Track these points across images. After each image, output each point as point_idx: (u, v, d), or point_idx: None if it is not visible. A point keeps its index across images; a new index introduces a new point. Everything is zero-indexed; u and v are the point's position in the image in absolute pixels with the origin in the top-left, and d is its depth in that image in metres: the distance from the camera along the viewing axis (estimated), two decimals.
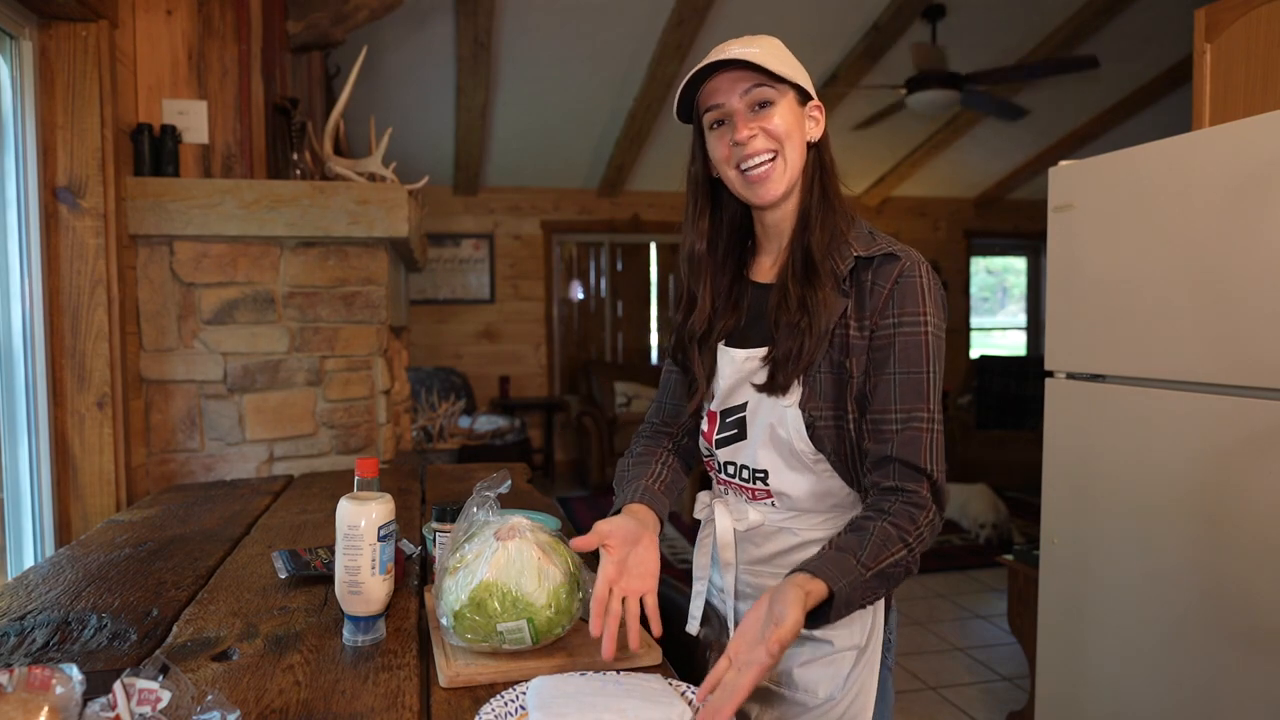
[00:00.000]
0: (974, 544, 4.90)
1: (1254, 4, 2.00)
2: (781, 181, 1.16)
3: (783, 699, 1.24)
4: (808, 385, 1.15)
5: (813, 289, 1.15)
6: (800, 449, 1.17)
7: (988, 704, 2.99)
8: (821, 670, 1.21)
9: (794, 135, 1.15)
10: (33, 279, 2.00)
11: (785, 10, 4.82)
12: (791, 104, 1.16)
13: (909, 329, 1.11)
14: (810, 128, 1.19)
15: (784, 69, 1.13)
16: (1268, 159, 1.62)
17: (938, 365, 1.12)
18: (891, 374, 1.12)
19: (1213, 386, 1.75)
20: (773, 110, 1.14)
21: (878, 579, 1.05)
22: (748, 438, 1.22)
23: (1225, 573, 1.71)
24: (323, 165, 2.64)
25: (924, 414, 1.10)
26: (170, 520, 1.80)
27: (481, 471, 2.31)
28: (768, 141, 1.14)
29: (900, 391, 1.11)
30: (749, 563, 1.27)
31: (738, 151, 1.15)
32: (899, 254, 1.14)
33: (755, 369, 1.19)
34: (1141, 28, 5.32)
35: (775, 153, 1.15)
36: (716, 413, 1.26)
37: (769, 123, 1.14)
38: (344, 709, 0.95)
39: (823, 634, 1.20)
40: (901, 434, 1.10)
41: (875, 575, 1.04)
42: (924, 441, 1.10)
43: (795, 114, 1.16)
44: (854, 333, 1.13)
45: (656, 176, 6.90)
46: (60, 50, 2.02)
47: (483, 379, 6.94)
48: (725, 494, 1.30)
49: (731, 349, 1.23)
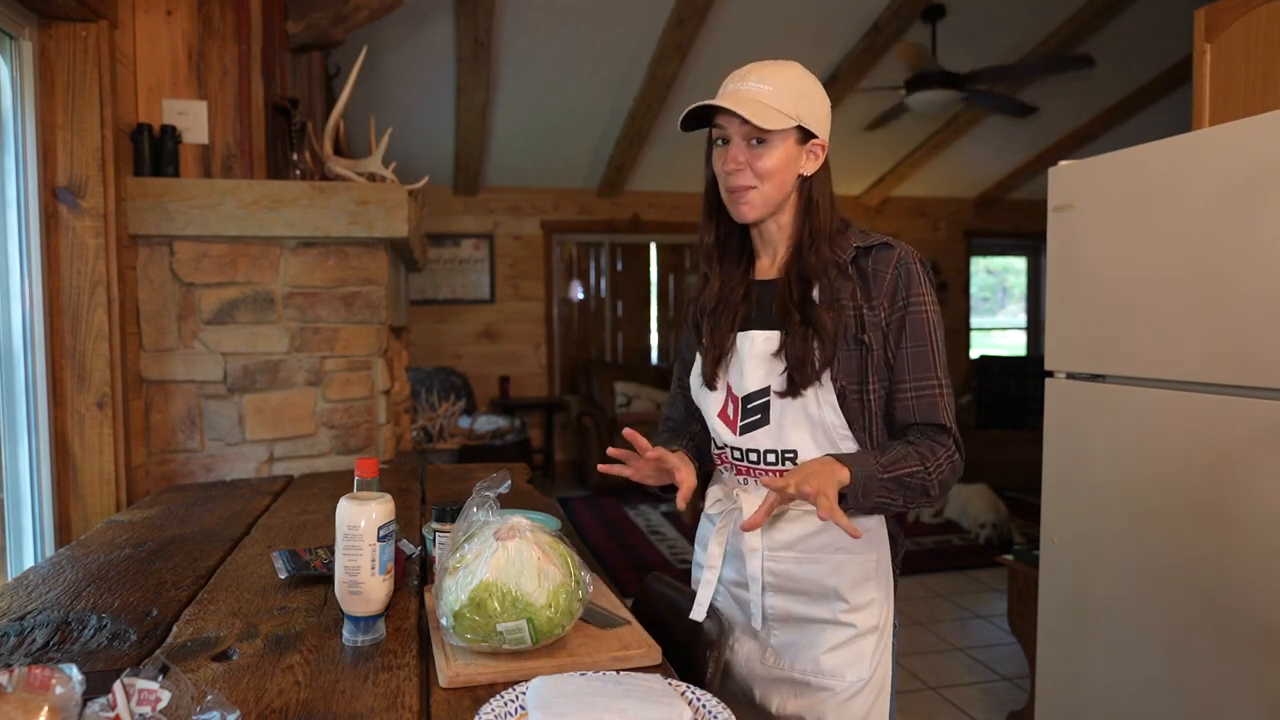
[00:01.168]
0: (974, 544, 4.90)
1: (1254, 4, 2.00)
2: (756, 209, 1.28)
3: (809, 687, 1.30)
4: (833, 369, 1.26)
5: (810, 306, 1.26)
6: (833, 422, 1.27)
7: (988, 704, 2.99)
8: (846, 655, 1.29)
9: (780, 173, 1.26)
10: (33, 279, 2.00)
11: (785, 10, 4.82)
12: (789, 144, 1.25)
13: (915, 309, 1.26)
14: (806, 162, 1.28)
15: (779, 120, 1.22)
16: (1267, 159, 1.62)
17: (938, 335, 1.27)
18: (905, 349, 1.26)
19: (1213, 386, 1.75)
20: (765, 150, 1.25)
21: (895, 483, 1.19)
22: (771, 421, 1.30)
23: (1225, 572, 1.71)
24: (323, 165, 2.64)
25: (934, 380, 1.26)
26: (170, 520, 1.80)
27: (481, 471, 2.31)
28: (749, 177, 1.25)
29: (913, 364, 1.26)
30: (772, 549, 1.33)
31: (726, 176, 1.27)
32: (892, 243, 1.28)
33: (775, 352, 1.29)
34: (1141, 28, 5.32)
35: (755, 187, 1.26)
36: (739, 398, 1.32)
37: (758, 160, 1.25)
38: (344, 709, 0.95)
39: (846, 618, 1.29)
40: (919, 400, 1.26)
41: (892, 479, 1.19)
42: (940, 404, 1.26)
43: (790, 154, 1.26)
44: (866, 311, 1.26)
45: (656, 177, 6.90)
46: (60, 50, 2.02)
47: (483, 379, 6.94)
48: (745, 482, 1.35)
49: (751, 332, 1.33)
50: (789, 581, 1.32)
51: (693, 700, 0.96)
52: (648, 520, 5.47)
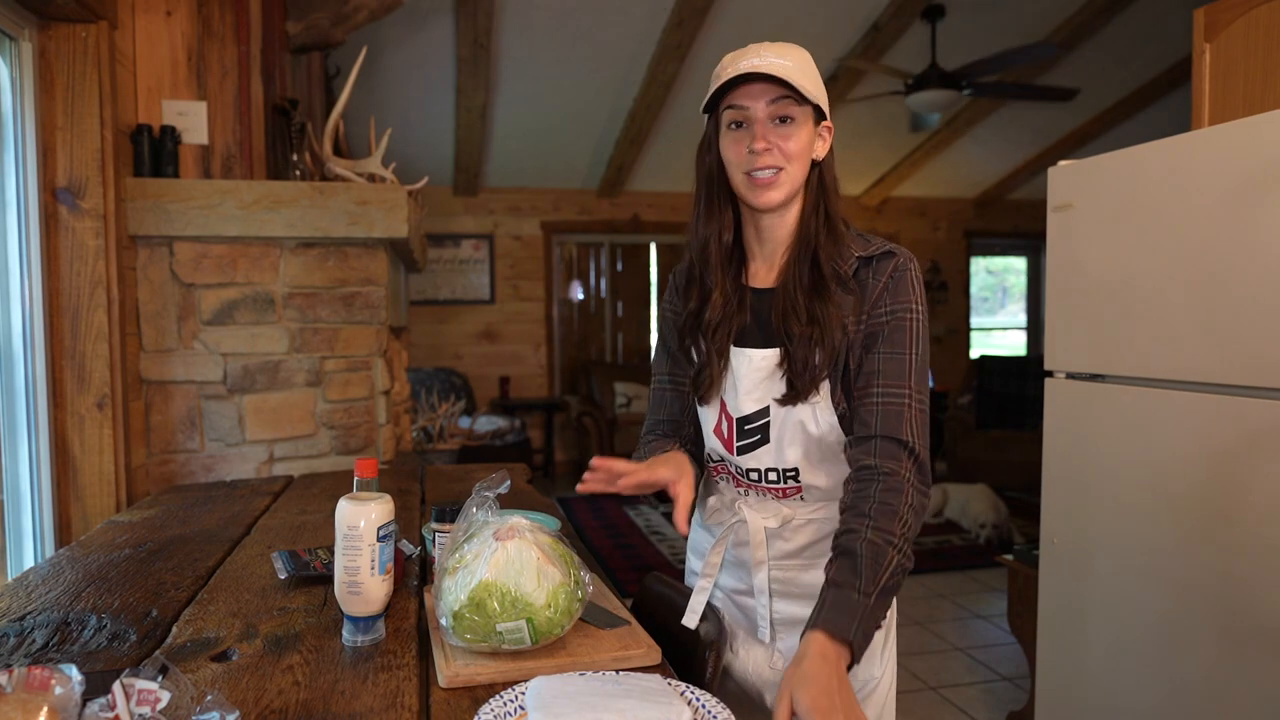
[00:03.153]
0: (974, 544, 4.90)
1: (1253, 4, 2.00)
2: (782, 191, 1.19)
3: None
4: (833, 379, 1.20)
5: (821, 300, 1.19)
6: (834, 441, 1.21)
7: (988, 704, 2.99)
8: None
9: (804, 155, 1.20)
10: (32, 280, 2.00)
11: (785, 10, 4.82)
12: (809, 125, 1.19)
13: (899, 316, 1.18)
14: (818, 146, 1.22)
15: (811, 89, 1.16)
16: (1267, 159, 1.62)
17: (921, 348, 1.18)
18: (877, 353, 1.18)
19: (1213, 386, 1.75)
20: (792, 128, 1.17)
21: (882, 595, 1.05)
22: (770, 441, 1.24)
23: (1225, 572, 1.71)
24: (322, 166, 2.64)
25: (906, 390, 1.15)
26: (170, 521, 1.80)
27: (481, 472, 2.31)
28: (779, 158, 1.18)
29: (885, 369, 1.17)
30: (777, 558, 1.30)
31: (750, 159, 1.18)
32: (895, 250, 1.21)
33: (772, 370, 1.22)
34: (1141, 28, 5.32)
35: (784, 168, 1.18)
36: (735, 419, 1.26)
37: (786, 140, 1.17)
38: (343, 709, 0.95)
39: None
40: (884, 408, 1.15)
41: (879, 594, 1.05)
42: (906, 416, 1.14)
43: (809, 134, 1.20)
44: (851, 327, 1.19)
45: (656, 177, 6.90)
46: (60, 51, 2.02)
47: (483, 379, 6.94)
48: (745, 495, 1.32)
49: (748, 349, 1.25)
50: (795, 587, 1.30)
51: (692, 700, 0.96)
52: (648, 520, 5.47)
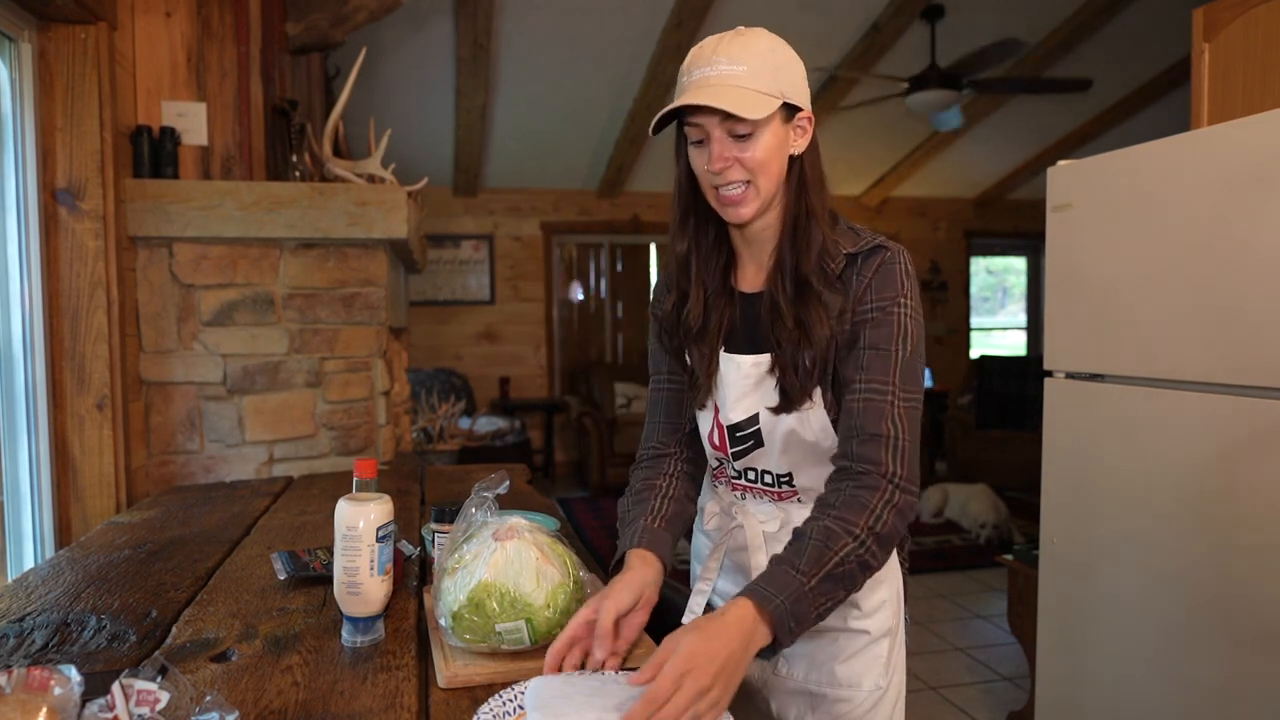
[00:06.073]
0: (974, 544, 4.90)
1: (1252, 4, 2.00)
2: (753, 206, 1.13)
3: (826, 699, 1.23)
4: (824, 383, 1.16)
5: (805, 306, 1.14)
6: (828, 445, 1.17)
7: (988, 704, 2.99)
8: (861, 663, 1.23)
9: (772, 161, 1.12)
10: (32, 281, 2.00)
11: (785, 10, 4.82)
12: (774, 127, 1.11)
13: (884, 310, 1.12)
14: (795, 139, 1.15)
15: (763, 105, 1.07)
16: (1267, 158, 1.62)
17: (909, 344, 1.12)
18: (861, 349, 1.12)
19: (1212, 386, 1.75)
20: (752, 141, 1.09)
21: (827, 581, 1.01)
22: (765, 444, 1.21)
23: (1225, 572, 1.71)
24: (322, 167, 2.64)
25: (889, 385, 1.10)
26: (170, 522, 1.80)
27: (481, 472, 2.31)
28: (741, 172, 1.11)
29: (867, 364, 1.11)
30: None
31: (712, 176, 1.13)
32: (884, 244, 1.15)
33: (762, 376, 1.19)
34: (1141, 28, 5.32)
35: (748, 182, 1.12)
36: (725, 427, 1.23)
37: (745, 153, 1.10)
38: (343, 709, 0.95)
39: (857, 625, 1.23)
40: (864, 405, 1.10)
41: (823, 578, 1.00)
42: (886, 413, 1.09)
43: (777, 136, 1.11)
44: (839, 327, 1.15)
45: (656, 177, 6.90)
46: (59, 52, 2.02)
47: (483, 380, 6.94)
48: (743, 498, 1.29)
49: (735, 355, 1.21)
50: None
51: None
52: None
